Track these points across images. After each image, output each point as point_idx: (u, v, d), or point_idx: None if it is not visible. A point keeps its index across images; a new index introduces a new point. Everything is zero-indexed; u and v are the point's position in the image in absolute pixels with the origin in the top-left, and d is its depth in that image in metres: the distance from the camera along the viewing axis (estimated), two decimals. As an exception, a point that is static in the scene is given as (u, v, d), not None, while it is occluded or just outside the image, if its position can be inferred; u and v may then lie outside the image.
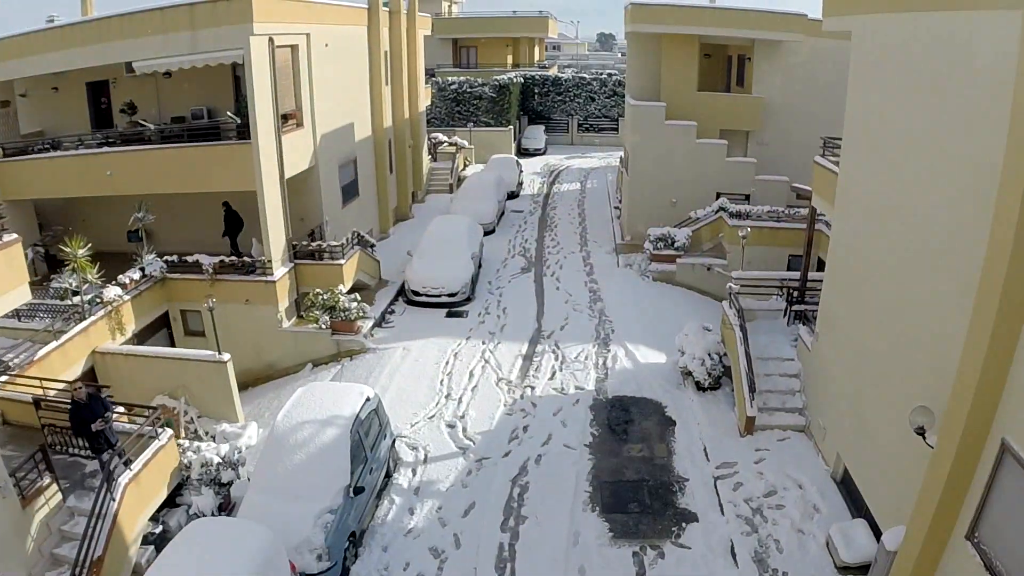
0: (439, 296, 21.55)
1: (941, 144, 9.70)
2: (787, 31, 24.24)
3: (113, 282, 17.31)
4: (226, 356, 16.02)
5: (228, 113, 19.63)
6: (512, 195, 35.02)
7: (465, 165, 40.33)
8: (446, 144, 39.32)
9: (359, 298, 19.27)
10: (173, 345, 19.45)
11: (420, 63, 33.57)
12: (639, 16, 25.74)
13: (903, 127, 10.87)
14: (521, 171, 37.59)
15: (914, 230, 10.48)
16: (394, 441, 14.21)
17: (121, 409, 13.42)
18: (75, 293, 16.50)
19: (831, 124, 25.00)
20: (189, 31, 17.37)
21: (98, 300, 16.66)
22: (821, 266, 17.86)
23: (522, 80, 47.22)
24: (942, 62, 9.66)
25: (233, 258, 18.95)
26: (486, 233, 27.31)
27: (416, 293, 21.74)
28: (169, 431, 12.69)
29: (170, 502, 13.03)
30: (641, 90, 27.64)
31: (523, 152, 46.35)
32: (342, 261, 19.87)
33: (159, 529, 12.42)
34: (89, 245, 16.54)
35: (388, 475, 13.70)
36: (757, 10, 24.34)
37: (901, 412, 10.48)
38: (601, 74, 50.95)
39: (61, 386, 13.83)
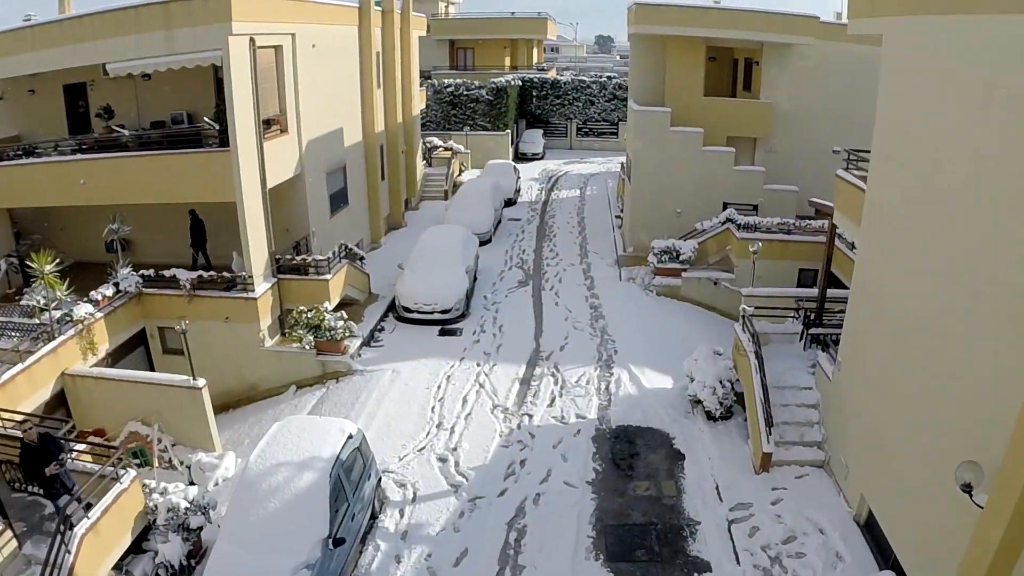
0: (431, 313, 20.37)
1: (989, 161, 8.66)
2: (798, 34, 23.21)
3: (85, 298, 16.22)
4: (201, 382, 14.90)
5: (205, 119, 18.50)
6: (509, 202, 33.90)
7: (461, 171, 39.22)
8: (441, 149, 38.21)
9: (345, 316, 18.15)
10: (151, 364, 18.42)
11: (414, 65, 32.47)
12: (643, 17, 24.63)
13: (945, 141, 9.77)
14: (519, 177, 36.46)
15: (957, 256, 9.43)
16: (379, 480, 13.05)
17: (81, 447, 12.30)
18: (43, 310, 15.40)
19: (841, 132, 24.34)
20: (164, 31, 16.28)
21: (68, 318, 15.54)
22: (833, 282, 16.85)
23: (520, 83, 46.16)
24: (992, 69, 8.59)
25: (212, 273, 17.79)
26: (482, 243, 26.21)
27: (407, 309, 20.58)
28: (132, 472, 11.56)
29: (136, 547, 11.94)
30: (645, 94, 26.54)
31: (521, 157, 45.37)
32: (328, 276, 18.74)
33: (121, 580, 11.34)
34: (58, 261, 15.53)
35: (373, 516, 12.56)
36: (768, 11, 23.26)
37: (937, 456, 9.56)
38: (601, 77, 49.91)
39: (20, 417, 12.73)
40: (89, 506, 11.04)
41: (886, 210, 11.69)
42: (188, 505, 11.62)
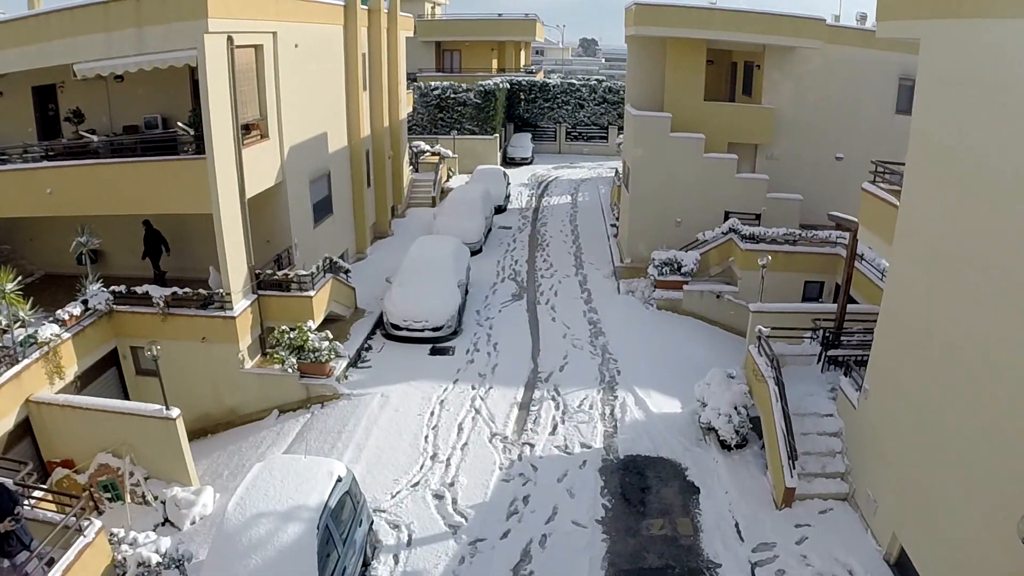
0: (422, 330, 19.21)
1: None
2: (806, 37, 22.32)
3: (51, 318, 14.99)
4: (175, 412, 13.69)
5: (179, 124, 17.28)
6: (499, 209, 32.86)
7: (449, 176, 38.11)
8: (428, 154, 37.10)
9: (331, 335, 16.99)
10: (124, 386, 17.17)
11: (402, 67, 31.32)
12: (644, 18, 23.59)
13: (994, 154, 8.85)
14: (509, 183, 35.43)
15: (1009, 280, 8.53)
16: (371, 523, 11.90)
17: (39, 493, 11.10)
18: (4, 332, 14.18)
19: (845, 138, 23.64)
20: (135, 28, 15.03)
21: (32, 340, 14.31)
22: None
23: (508, 86, 45.15)
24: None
25: (188, 290, 16.57)
26: (473, 253, 25.07)
27: (396, 327, 19.40)
28: (97, 523, 10.36)
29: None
30: (643, 99, 25.50)
31: (509, 161, 44.40)
32: (312, 292, 17.54)
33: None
34: (22, 276, 14.27)
35: (365, 564, 11.41)
36: (775, 13, 22.33)
37: (986, 497, 8.77)
38: (591, 80, 48.99)
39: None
40: (52, 561, 9.86)
41: (924, 228, 10.76)
42: (160, 559, 10.45)
